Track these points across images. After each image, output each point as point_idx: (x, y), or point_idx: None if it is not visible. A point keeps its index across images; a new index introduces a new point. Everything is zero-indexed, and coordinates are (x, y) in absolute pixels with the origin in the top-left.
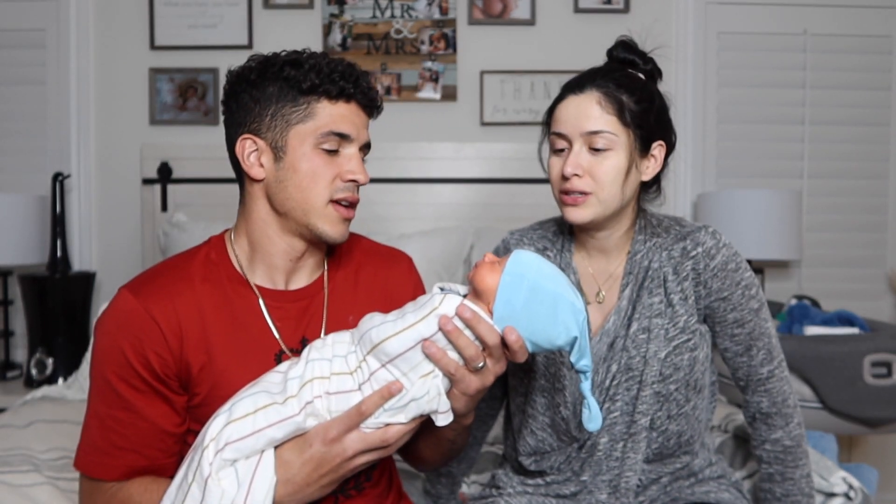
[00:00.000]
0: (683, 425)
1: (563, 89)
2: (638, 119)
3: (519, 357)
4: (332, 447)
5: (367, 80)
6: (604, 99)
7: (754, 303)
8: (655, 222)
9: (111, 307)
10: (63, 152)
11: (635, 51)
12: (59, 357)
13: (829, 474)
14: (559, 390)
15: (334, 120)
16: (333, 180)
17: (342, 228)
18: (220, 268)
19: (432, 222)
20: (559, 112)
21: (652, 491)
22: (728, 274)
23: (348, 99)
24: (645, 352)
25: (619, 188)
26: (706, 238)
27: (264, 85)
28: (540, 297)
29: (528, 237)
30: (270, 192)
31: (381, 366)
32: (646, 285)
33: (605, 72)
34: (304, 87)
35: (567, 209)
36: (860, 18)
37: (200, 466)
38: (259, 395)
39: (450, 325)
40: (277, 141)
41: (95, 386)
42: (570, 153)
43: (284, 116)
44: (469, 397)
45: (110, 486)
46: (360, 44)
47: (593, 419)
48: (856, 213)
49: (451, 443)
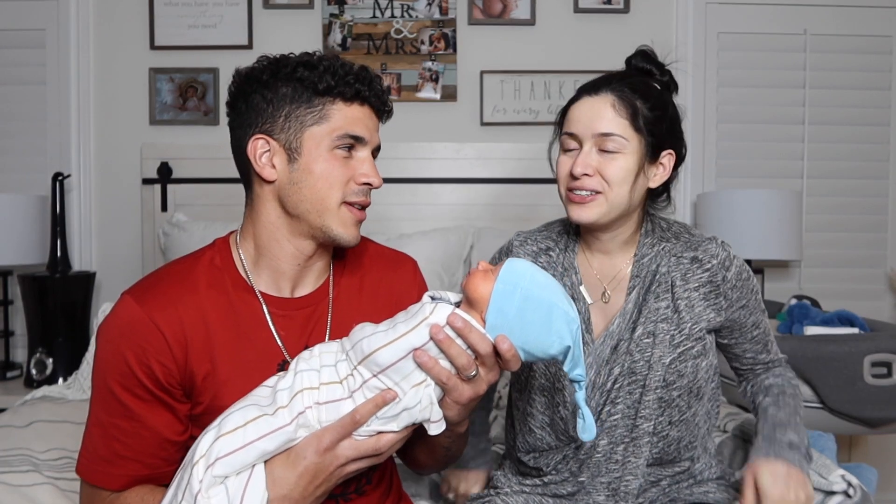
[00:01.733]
0: (684, 431)
1: (578, 90)
2: (650, 125)
3: (512, 366)
4: (325, 456)
5: (381, 83)
6: (618, 102)
7: (761, 304)
8: (665, 226)
9: (114, 314)
10: (63, 152)
11: (654, 61)
12: (59, 357)
13: (828, 472)
14: (559, 390)
15: (349, 122)
16: (347, 183)
17: (355, 231)
18: (224, 273)
19: (432, 222)
20: (573, 112)
21: (651, 493)
22: (743, 283)
23: (363, 101)
24: (649, 356)
25: (627, 190)
26: (718, 250)
27: (277, 86)
28: (533, 306)
29: (532, 238)
30: (283, 194)
31: (372, 376)
32: (653, 289)
33: (622, 77)
34: (320, 88)
35: (573, 207)
36: (860, 18)
37: (190, 485)
38: (248, 409)
39: (441, 335)
40: (292, 142)
41: (98, 393)
42: (581, 153)
43: (299, 118)
44: (462, 406)
45: (108, 494)
46: (360, 44)
47: (587, 429)
48: (856, 213)
49: (445, 449)
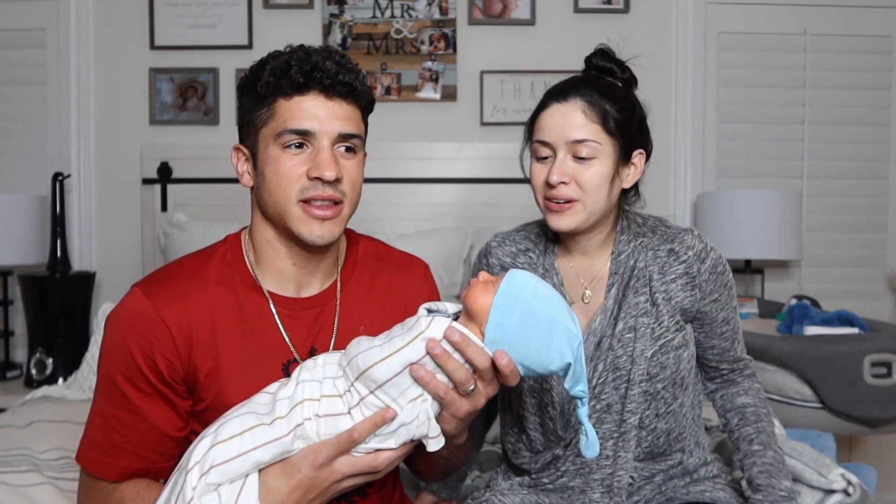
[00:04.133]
0: (672, 423)
1: (545, 97)
2: (621, 127)
3: (510, 381)
4: (321, 471)
5: (335, 64)
6: (588, 108)
7: (734, 300)
8: (640, 221)
9: (122, 306)
10: (63, 152)
11: (613, 59)
12: (59, 357)
13: (828, 471)
14: (546, 391)
15: (291, 116)
16: (299, 179)
17: (319, 230)
18: (234, 270)
19: (432, 222)
20: (543, 120)
21: (646, 490)
22: (718, 276)
23: (303, 91)
24: (632, 351)
25: (605, 195)
26: (695, 241)
27: (243, 93)
28: (534, 321)
29: (510, 238)
30: (257, 199)
31: (369, 392)
32: (631, 285)
33: (588, 81)
34: (261, 88)
35: (552, 216)
36: (860, 18)
37: (183, 491)
38: (246, 417)
39: (438, 349)
40: (253, 147)
41: (101, 383)
42: (555, 161)
43: (253, 122)
44: (460, 420)
45: (106, 484)
46: (360, 44)
47: (591, 446)
48: (856, 213)
49: (445, 460)
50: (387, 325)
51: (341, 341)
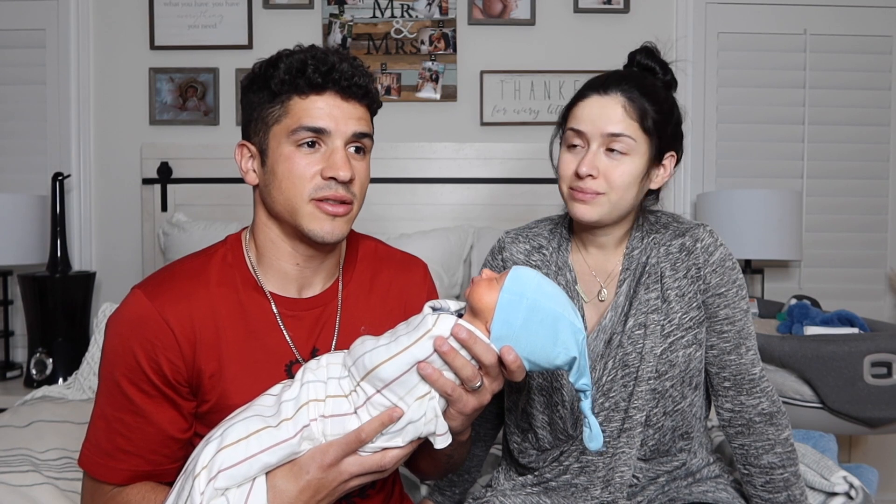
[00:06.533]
0: (679, 421)
1: (585, 87)
2: (658, 128)
3: (517, 376)
4: (329, 472)
5: (350, 66)
6: (628, 103)
7: (744, 304)
8: (653, 219)
9: (124, 308)
10: (63, 152)
11: (657, 59)
12: (59, 357)
13: (830, 473)
14: (556, 389)
15: (307, 114)
16: (313, 179)
17: (329, 226)
18: (235, 271)
19: (432, 222)
20: (580, 110)
21: (650, 491)
22: (725, 271)
23: (320, 90)
24: (641, 348)
25: (633, 194)
26: (704, 235)
27: (252, 90)
28: (539, 317)
29: (523, 235)
30: (263, 197)
31: (376, 391)
32: (643, 281)
33: (630, 77)
34: (277, 85)
35: (576, 205)
36: (860, 18)
37: (191, 496)
38: (251, 420)
39: (445, 346)
40: (262, 144)
41: (104, 386)
42: (587, 152)
43: (264, 119)
44: (465, 416)
45: (110, 488)
46: (360, 44)
47: (594, 438)
48: (856, 213)
49: (448, 457)
50: (386, 324)
51: (343, 341)
